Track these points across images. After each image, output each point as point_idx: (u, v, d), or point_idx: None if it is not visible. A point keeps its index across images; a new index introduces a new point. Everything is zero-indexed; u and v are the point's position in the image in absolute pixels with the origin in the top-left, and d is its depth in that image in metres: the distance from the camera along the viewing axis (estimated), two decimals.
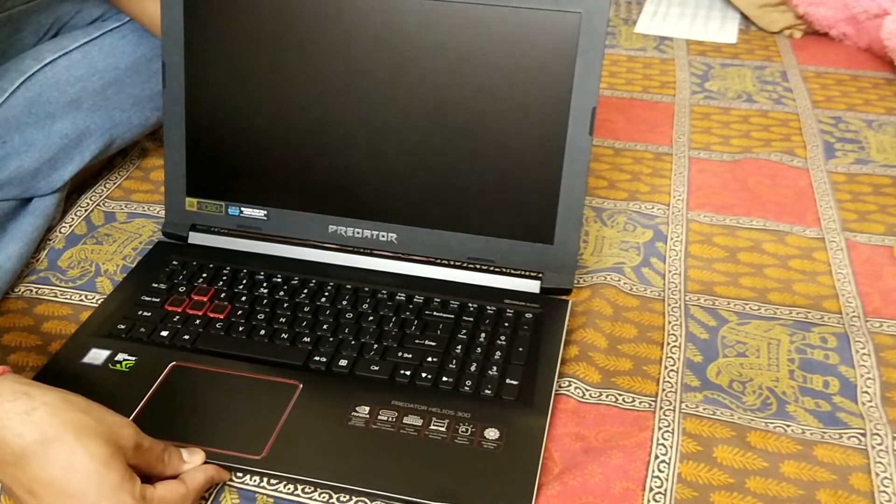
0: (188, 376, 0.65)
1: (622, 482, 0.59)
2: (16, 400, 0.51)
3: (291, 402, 0.63)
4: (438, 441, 0.60)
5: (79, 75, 0.84)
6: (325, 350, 0.67)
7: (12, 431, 0.50)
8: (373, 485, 0.57)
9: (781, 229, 0.86)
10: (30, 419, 0.50)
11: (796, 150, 1.01)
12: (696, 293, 0.77)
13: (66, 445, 0.50)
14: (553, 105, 0.72)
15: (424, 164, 0.75)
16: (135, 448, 0.53)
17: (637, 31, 1.37)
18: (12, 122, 0.80)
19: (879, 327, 0.74)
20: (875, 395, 0.67)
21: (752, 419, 0.64)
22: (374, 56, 0.74)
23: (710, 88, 1.17)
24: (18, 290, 0.76)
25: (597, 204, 0.90)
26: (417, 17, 0.72)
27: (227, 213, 0.79)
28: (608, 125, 1.07)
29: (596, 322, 0.73)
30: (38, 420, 0.50)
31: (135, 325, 0.70)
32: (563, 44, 0.71)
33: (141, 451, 0.53)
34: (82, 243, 0.83)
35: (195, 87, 0.77)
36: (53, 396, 0.52)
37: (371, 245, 0.77)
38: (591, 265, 0.81)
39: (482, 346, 0.68)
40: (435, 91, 0.73)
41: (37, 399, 0.51)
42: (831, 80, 1.20)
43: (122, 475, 0.51)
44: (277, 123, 0.76)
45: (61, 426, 0.50)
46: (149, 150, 0.98)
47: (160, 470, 0.55)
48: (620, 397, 0.66)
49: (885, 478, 0.59)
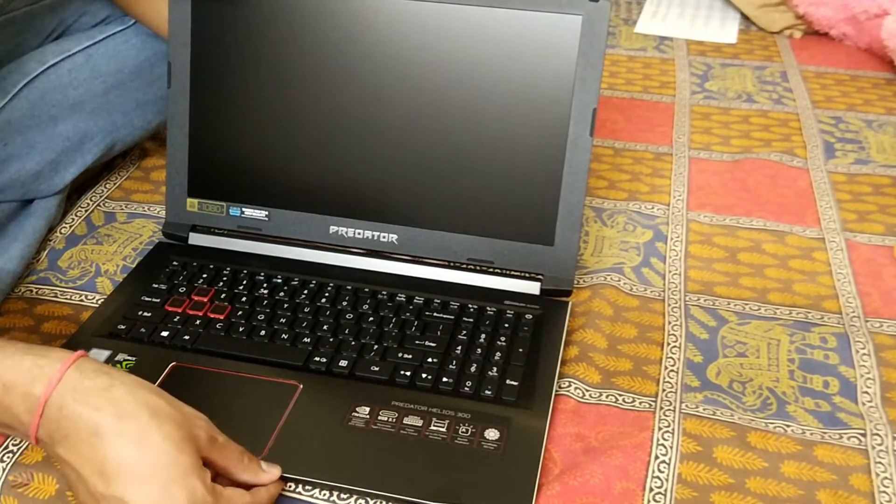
0: (188, 376, 0.65)
1: (622, 482, 0.59)
2: (96, 378, 0.51)
3: (291, 403, 0.63)
4: (438, 441, 0.60)
5: (81, 78, 0.85)
6: (326, 350, 0.68)
7: (90, 406, 0.50)
8: (373, 485, 0.57)
9: (781, 229, 0.86)
10: (108, 395, 0.51)
11: (796, 151, 1.01)
12: (696, 293, 0.77)
13: (141, 423, 0.50)
14: (554, 107, 0.72)
15: (425, 166, 0.75)
16: (209, 440, 0.53)
17: (637, 31, 1.37)
18: (14, 124, 0.80)
19: (879, 327, 0.74)
20: (875, 395, 0.67)
21: (752, 419, 0.64)
22: (377, 58, 0.74)
23: (710, 88, 1.17)
24: (19, 290, 0.77)
25: (597, 204, 0.90)
26: (420, 19, 0.73)
27: (228, 213, 0.79)
28: (608, 125, 1.07)
29: (596, 322, 0.73)
30: (115, 397, 0.51)
31: (135, 326, 0.70)
32: (564, 46, 0.71)
33: (216, 446, 0.53)
34: (82, 243, 0.83)
35: (200, 88, 0.78)
36: (132, 378, 0.53)
37: (371, 246, 0.77)
38: (591, 265, 0.81)
39: (482, 346, 0.68)
40: (436, 93, 0.73)
41: (116, 378, 0.52)
42: (831, 80, 1.20)
43: (194, 461, 0.50)
44: (280, 125, 0.77)
45: (137, 404, 0.51)
46: (149, 150, 0.98)
47: (238, 471, 0.55)
48: (620, 397, 0.66)
49: (885, 478, 0.59)
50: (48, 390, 0.51)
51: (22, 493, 0.58)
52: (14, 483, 0.58)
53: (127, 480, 0.49)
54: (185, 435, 0.51)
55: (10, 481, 0.58)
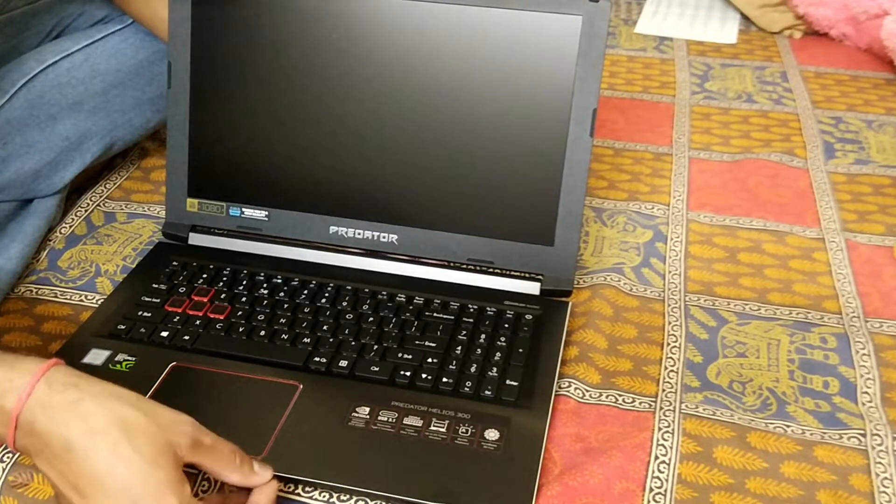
0: (188, 377, 0.65)
1: (622, 482, 0.59)
2: (65, 391, 0.50)
3: (291, 403, 0.63)
4: (438, 442, 0.60)
5: (80, 77, 0.85)
6: (326, 351, 0.68)
7: (59, 422, 0.49)
8: (373, 485, 0.57)
9: (781, 229, 0.86)
10: (78, 409, 0.49)
11: (796, 151, 1.01)
12: (696, 293, 0.77)
13: (111, 438, 0.48)
14: (554, 107, 0.72)
15: (425, 166, 0.75)
16: (192, 446, 0.51)
17: (637, 31, 1.37)
18: (13, 123, 0.80)
19: (879, 327, 0.74)
20: (875, 395, 0.67)
21: (752, 419, 0.64)
22: (377, 58, 0.74)
23: (710, 88, 1.17)
24: (18, 290, 0.77)
25: (597, 204, 0.90)
26: (420, 19, 0.73)
27: (227, 213, 0.79)
28: (608, 125, 1.07)
29: (596, 322, 0.73)
30: (85, 411, 0.49)
31: (135, 326, 0.70)
32: (564, 47, 0.71)
33: (202, 450, 0.52)
34: (82, 244, 0.83)
35: (200, 88, 0.77)
36: (102, 389, 0.51)
37: (371, 246, 0.77)
38: (591, 265, 0.81)
39: (482, 347, 0.68)
40: (436, 93, 0.73)
41: (84, 390, 0.50)
42: (831, 81, 1.20)
43: (169, 475, 0.49)
44: (280, 125, 0.77)
45: (108, 419, 0.49)
46: (149, 150, 0.98)
47: (228, 472, 0.53)
48: (620, 398, 0.66)
49: (885, 478, 0.59)
50: (18, 406, 0.49)
51: (22, 493, 0.58)
52: (14, 483, 0.58)
53: (100, 497, 0.48)
54: (160, 447, 0.49)
55: (10, 481, 0.58)
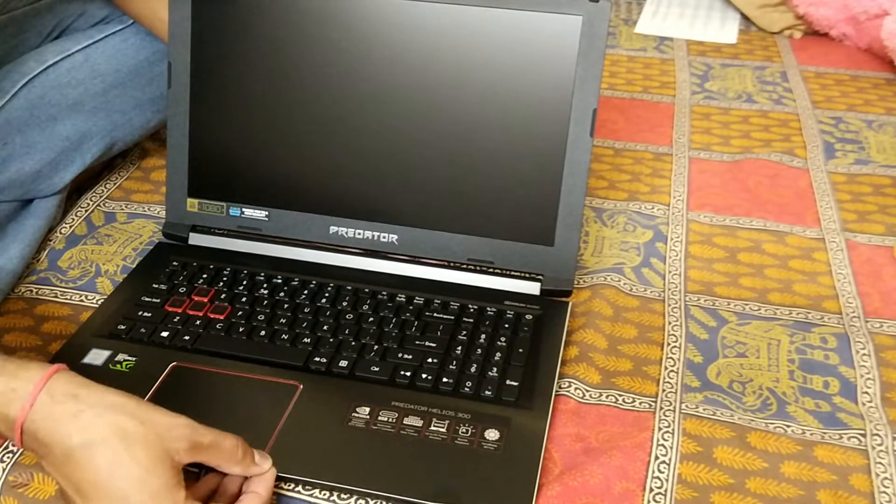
0: (188, 377, 0.65)
1: (622, 483, 0.59)
2: (65, 402, 0.51)
3: (292, 403, 0.63)
4: (438, 442, 0.60)
5: (80, 78, 0.85)
6: (326, 351, 0.68)
7: (60, 434, 0.50)
8: (373, 485, 0.57)
9: (781, 229, 0.86)
10: (77, 421, 0.51)
11: (796, 151, 1.01)
12: (696, 293, 0.77)
13: (110, 449, 0.50)
14: (554, 107, 0.72)
15: (425, 166, 0.75)
16: (190, 449, 0.52)
17: (637, 31, 1.37)
18: (14, 123, 0.80)
19: (879, 328, 0.74)
20: (875, 395, 0.67)
21: (752, 419, 0.64)
22: (377, 58, 0.74)
23: (710, 88, 1.17)
24: (18, 290, 0.77)
25: (597, 204, 0.90)
26: (420, 19, 0.73)
27: (228, 213, 0.79)
28: (608, 125, 1.07)
29: (596, 323, 0.73)
30: (84, 423, 0.51)
31: (135, 326, 0.70)
32: (564, 47, 0.71)
33: (202, 450, 0.53)
34: (82, 244, 0.83)
35: (200, 88, 0.77)
36: (101, 398, 0.52)
37: (371, 246, 0.77)
38: (591, 266, 0.81)
39: (482, 347, 0.68)
40: (436, 93, 0.73)
41: (84, 402, 0.51)
42: (831, 81, 1.20)
43: (166, 482, 0.50)
44: (280, 125, 0.77)
45: (106, 429, 0.51)
46: (149, 150, 0.98)
47: (232, 465, 0.55)
48: (620, 398, 0.66)
49: (885, 478, 0.60)
50: (22, 415, 0.51)
51: (22, 493, 0.58)
52: (14, 483, 0.58)
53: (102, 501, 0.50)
54: (157, 455, 0.51)
55: (10, 481, 0.58)
